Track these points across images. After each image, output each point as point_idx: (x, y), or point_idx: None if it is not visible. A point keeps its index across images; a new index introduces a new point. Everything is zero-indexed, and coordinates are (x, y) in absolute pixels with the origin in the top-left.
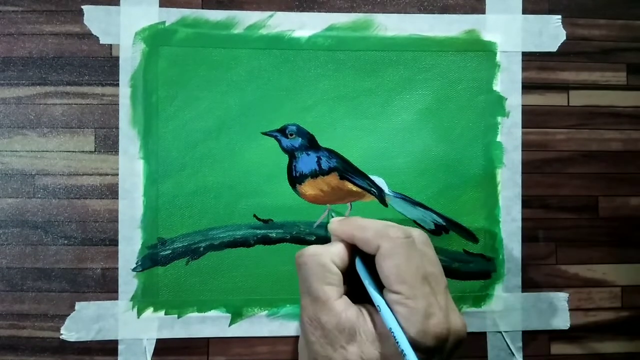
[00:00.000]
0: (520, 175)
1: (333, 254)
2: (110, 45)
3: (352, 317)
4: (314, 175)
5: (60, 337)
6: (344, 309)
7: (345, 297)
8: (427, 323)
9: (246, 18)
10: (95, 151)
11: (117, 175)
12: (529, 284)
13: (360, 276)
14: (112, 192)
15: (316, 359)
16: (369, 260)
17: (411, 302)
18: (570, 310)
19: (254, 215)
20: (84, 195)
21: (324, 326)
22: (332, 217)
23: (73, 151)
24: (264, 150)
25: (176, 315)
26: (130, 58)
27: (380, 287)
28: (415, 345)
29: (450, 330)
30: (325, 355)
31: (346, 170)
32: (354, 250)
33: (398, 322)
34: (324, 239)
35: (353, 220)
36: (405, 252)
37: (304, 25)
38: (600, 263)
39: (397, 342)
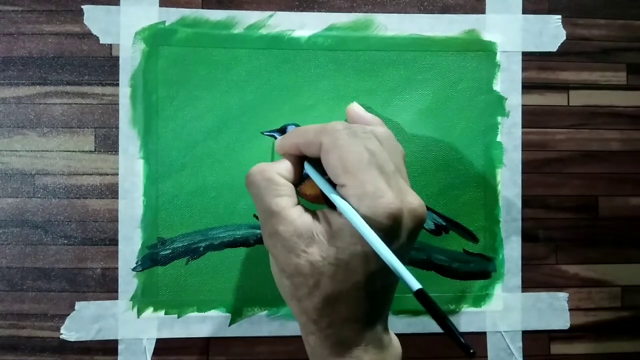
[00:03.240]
0: (520, 175)
1: (279, 167)
2: (110, 45)
3: (307, 221)
4: None
5: (60, 336)
6: (298, 215)
7: (299, 206)
8: (376, 204)
9: (246, 18)
10: (95, 151)
11: (117, 175)
12: (529, 284)
13: (311, 177)
14: (112, 191)
15: (284, 270)
16: (316, 165)
17: (358, 189)
18: (570, 310)
19: (254, 215)
20: (84, 195)
21: (282, 235)
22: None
23: (73, 151)
24: (264, 150)
25: (176, 315)
26: (130, 58)
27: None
28: (370, 225)
29: (403, 208)
30: (289, 264)
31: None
32: (303, 161)
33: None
34: None
35: (294, 130)
36: (345, 142)
37: (304, 25)
38: (600, 263)
39: (352, 223)
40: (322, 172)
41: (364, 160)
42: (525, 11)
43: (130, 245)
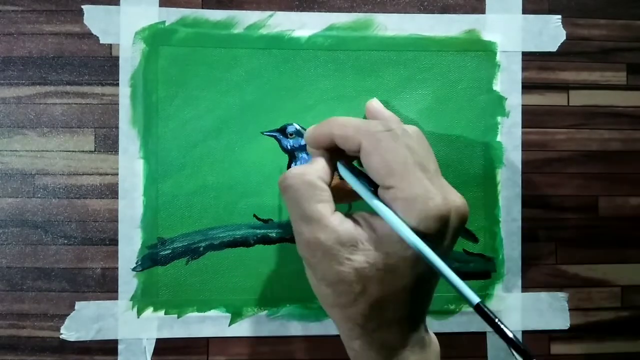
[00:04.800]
0: (520, 175)
1: (318, 170)
2: (110, 45)
3: (350, 228)
4: None
5: (60, 336)
6: (340, 222)
7: (337, 212)
8: (426, 207)
9: (246, 18)
10: (95, 151)
11: (117, 175)
12: (529, 284)
13: (347, 182)
14: (112, 191)
15: (324, 278)
16: (351, 166)
17: (406, 192)
18: (570, 310)
19: (254, 215)
20: (84, 195)
21: (324, 244)
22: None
23: (73, 151)
24: (264, 150)
25: (176, 315)
26: (130, 58)
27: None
28: (419, 233)
29: (450, 209)
30: (331, 272)
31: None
32: (334, 162)
33: (397, 215)
34: None
35: (329, 120)
36: (388, 144)
37: (304, 25)
38: (600, 263)
39: (401, 235)
40: (355, 171)
41: (408, 161)
42: (525, 11)
43: (130, 245)
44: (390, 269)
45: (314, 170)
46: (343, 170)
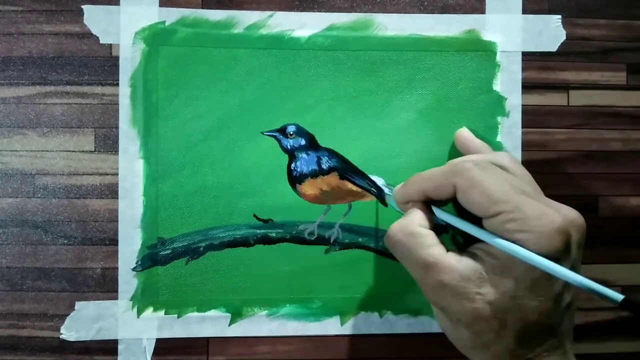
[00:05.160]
0: None
1: (417, 218)
2: (110, 45)
3: (469, 263)
4: (314, 175)
5: (60, 336)
6: (458, 260)
7: (452, 252)
8: (542, 223)
9: (246, 18)
10: (95, 151)
11: (117, 175)
12: None
13: (450, 225)
14: (112, 191)
15: (460, 320)
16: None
17: (517, 213)
18: None
19: (254, 215)
20: (84, 195)
21: (449, 284)
22: (388, 188)
23: (73, 151)
24: (264, 150)
25: (176, 315)
26: (130, 58)
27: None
28: (542, 253)
29: (568, 223)
30: (465, 311)
31: (346, 170)
32: (429, 206)
33: (515, 242)
34: (325, 239)
35: (414, 177)
36: (482, 176)
37: (304, 25)
38: (600, 263)
39: (523, 259)
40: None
41: (507, 187)
42: (525, 11)
43: (130, 245)
44: (525, 294)
45: (412, 220)
46: (442, 214)
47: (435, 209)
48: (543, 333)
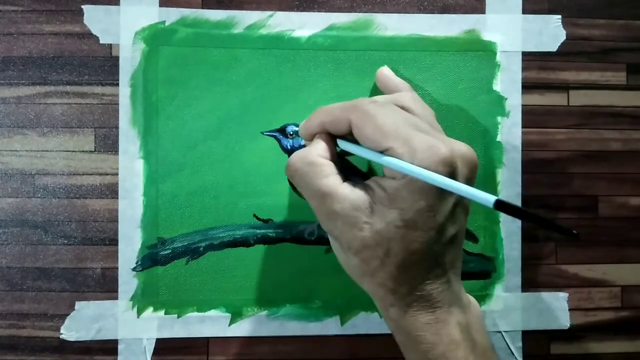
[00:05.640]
0: (520, 175)
1: (317, 149)
2: (110, 45)
3: (361, 193)
4: None
5: (60, 336)
6: (351, 190)
7: (347, 182)
8: (429, 155)
9: (246, 18)
10: (95, 151)
11: (117, 175)
12: (529, 284)
13: (351, 152)
14: (112, 191)
15: (350, 247)
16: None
17: (406, 146)
18: (570, 310)
19: (254, 215)
20: (84, 195)
21: (341, 213)
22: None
23: (73, 151)
24: (264, 150)
25: (176, 315)
26: (130, 58)
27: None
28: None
29: (454, 153)
30: (355, 239)
31: (346, 170)
32: (333, 139)
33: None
34: (325, 239)
35: (317, 110)
36: (376, 112)
37: (304, 25)
38: (600, 263)
39: (413, 174)
40: (354, 142)
41: (400, 122)
42: (525, 11)
43: (130, 245)
44: (408, 224)
45: (313, 150)
46: (343, 144)
47: (338, 140)
48: (425, 262)
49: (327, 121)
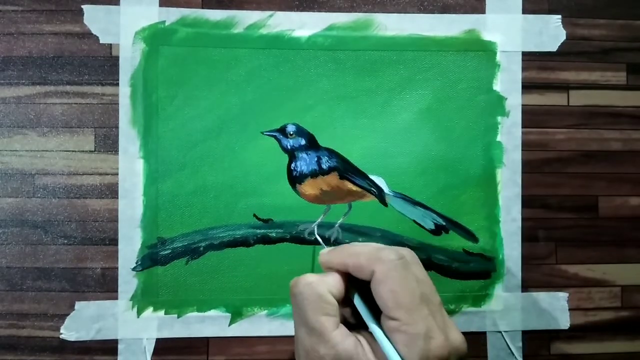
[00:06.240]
0: (520, 175)
1: (329, 284)
2: (110, 44)
3: (349, 348)
4: (314, 175)
5: (60, 336)
6: (341, 340)
7: (342, 327)
8: (427, 348)
9: (246, 18)
10: (95, 151)
11: (117, 174)
12: (529, 284)
13: (357, 308)
14: (112, 191)
15: None
16: (365, 288)
17: (410, 327)
18: (570, 310)
19: (254, 215)
20: (84, 195)
21: (323, 358)
22: (320, 240)
23: (73, 151)
24: (264, 150)
25: (176, 315)
26: (130, 58)
27: (378, 313)
28: None
29: (450, 350)
30: None
31: (346, 170)
32: (349, 279)
33: (397, 351)
34: (325, 239)
35: (344, 248)
36: (399, 274)
37: (304, 25)
38: (600, 263)
39: None
40: (368, 295)
41: (415, 295)
42: (525, 11)
43: (130, 245)
44: None
45: (326, 282)
46: (356, 298)
47: (355, 294)
48: None
49: (350, 264)
